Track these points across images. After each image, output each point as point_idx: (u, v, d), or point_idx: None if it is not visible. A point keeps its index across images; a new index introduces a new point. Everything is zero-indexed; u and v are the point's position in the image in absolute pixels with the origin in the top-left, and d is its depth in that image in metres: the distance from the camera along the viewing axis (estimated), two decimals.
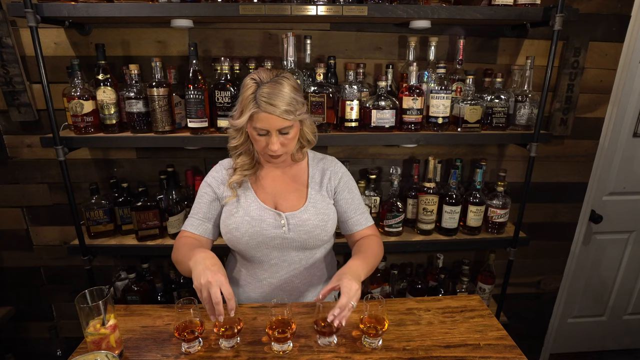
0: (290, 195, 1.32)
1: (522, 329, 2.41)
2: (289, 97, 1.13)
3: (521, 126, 1.75)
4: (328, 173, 1.36)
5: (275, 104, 1.11)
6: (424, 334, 1.17)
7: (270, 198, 1.31)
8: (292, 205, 1.30)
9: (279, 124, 1.14)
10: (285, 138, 1.18)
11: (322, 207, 1.31)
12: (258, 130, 1.16)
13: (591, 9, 1.81)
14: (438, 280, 1.98)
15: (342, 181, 1.37)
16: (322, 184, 1.35)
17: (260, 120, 1.13)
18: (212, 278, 1.02)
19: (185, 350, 1.09)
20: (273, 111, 1.11)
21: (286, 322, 1.09)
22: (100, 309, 1.02)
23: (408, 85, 1.64)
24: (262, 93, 1.11)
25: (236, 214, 1.28)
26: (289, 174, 1.35)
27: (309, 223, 1.27)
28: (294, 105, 1.14)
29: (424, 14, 1.52)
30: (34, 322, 2.22)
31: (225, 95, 1.56)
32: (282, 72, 1.18)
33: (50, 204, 1.98)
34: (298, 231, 1.27)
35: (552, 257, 2.29)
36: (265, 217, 1.27)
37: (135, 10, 1.46)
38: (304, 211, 1.29)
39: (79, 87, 1.58)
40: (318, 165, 1.37)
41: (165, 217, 1.77)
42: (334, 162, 1.40)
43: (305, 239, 1.28)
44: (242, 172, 1.29)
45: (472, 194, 1.83)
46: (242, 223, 1.27)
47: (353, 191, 1.39)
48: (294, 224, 1.27)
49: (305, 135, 1.27)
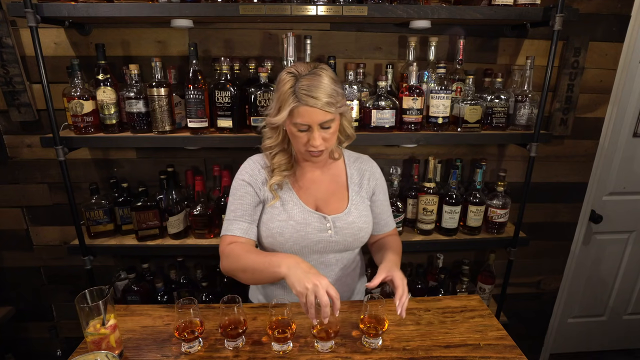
0: (331, 196, 1.29)
1: (522, 329, 2.41)
2: (329, 88, 1.08)
3: (521, 126, 1.75)
4: (367, 174, 1.34)
5: (316, 96, 1.06)
6: (424, 334, 1.17)
7: (311, 200, 1.27)
8: (334, 208, 1.28)
9: (321, 117, 1.09)
10: (327, 132, 1.13)
11: (363, 208, 1.31)
12: (299, 126, 1.11)
13: (591, 9, 1.81)
14: (438, 280, 1.98)
15: (379, 183, 1.37)
16: (362, 185, 1.33)
17: (301, 115, 1.08)
18: (318, 281, 1.00)
19: (186, 351, 1.09)
20: (314, 104, 1.06)
21: (286, 322, 1.09)
22: (100, 309, 1.02)
23: (408, 85, 1.64)
24: (302, 86, 1.06)
25: (279, 217, 1.23)
26: (327, 173, 1.31)
27: (355, 226, 1.27)
28: (335, 97, 1.09)
29: (424, 14, 1.52)
30: (34, 322, 2.22)
31: (225, 95, 1.55)
32: (320, 64, 1.14)
33: (50, 204, 1.98)
34: (344, 234, 1.26)
35: (552, 257, 2.29)
36: (311, 221, 1.24)
37: (135, 10, 1.46)
38: (349, 213, 1.27)
39: (79, 87, 1.58)
40: (355, 164, 1.36)
41: (165, 217, 1.77)
42: (370, 161, 1.39)
43: (351, 241, 1.28)
44: (281, 172, 1.23)
45: (472, 194, 1.83)
46: (287, 227, 1.22)
47: (386, 193, 1.41)
48: (340, 226, 1.25)
49: (345, 130, 1.23)
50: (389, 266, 1.19)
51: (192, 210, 1.77)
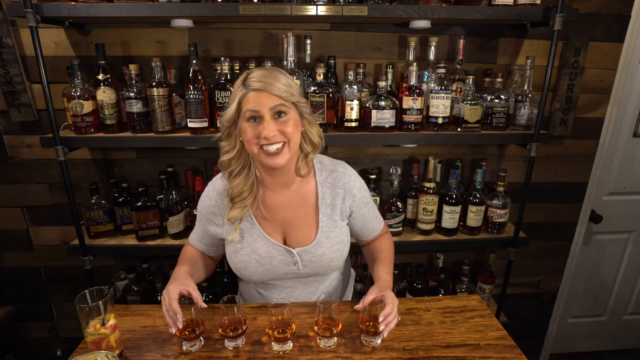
0: (299, 222, 1.19)
1: (522, 329, 2.41)
2: (282, 79, 1.04)
3: (521, 126, 1.75)
4: (341, 192, 1.20)
5: (265, 81, 1.01)
6: (424, 334, 1.17)
7: (277, 229, 1.19)
8: (303, 237, 1.19)
9: (271, 101, 1.01)
10: (282, 123, 1.03)
11: (335, 235, 1.21)
12: (249, 115, 1.02)
13: (591, 9, 1.81)
14: (438, 280, 1.98)
15: (357, 198, 1.23)
16: (335, 206, 1.20)
17: (249, 101, 1.01)
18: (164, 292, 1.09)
19: (187, 349, 1.09)
20: (263, 87, 1.00)
21: (286, 322, 1.09)
22: (100, 309, 1.02)
23: (408, 85, 1.64)
24: (252, 76, 1.03)
25: (241, 251, 1.19)
26: (296, 194, 1.19)
27: (325, 257, 1.20)
28: (288, 87, 1.04)
29: (424, 14, 1.52)
30: (34, 322, 2.22)
31: (225, 95, 1.55)
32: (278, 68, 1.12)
33: (50, 204, 1.98)
34: (313, 267, 1.21)
35: (552, 257, 2.29)
36: (275, 255, 1.18)
37: (135, 10, 1.46)
38: (318, 245, 1.18)
39: (79, 87, 1.58)
40: (327, 181, 1.21)
41: (165, 217, 1.77)
42: (345, 175, 1.23)
43: (322, 272, 1.24)
44: (241, 202, 1.14)
45: (472, 194, 1.83)
46: (250, 262, 1.18)
47: (369, 202, 1.28)
48: (307, 260, 1.19)
49: (309, 136, 1.13)
50: (380, 286, 1.16)
51: (192, 210, 1.77)
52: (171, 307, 1.04)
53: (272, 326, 1.08)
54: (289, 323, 1.09)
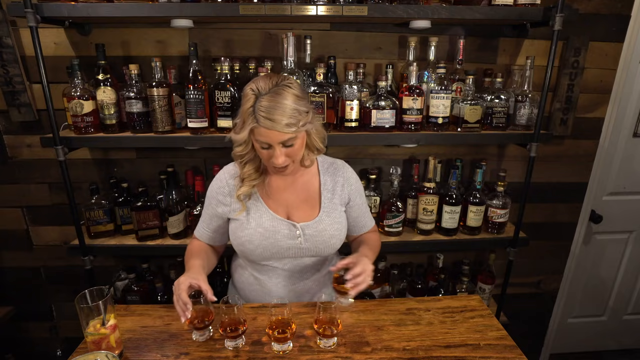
0: (302, 204, 1.29)
1: (522, 329, 2.41)
2: (290, 109, 1.06)
3: (521, 126, 1.75)
4: (340, 180, 1.33)
5: (274, 118, 1.04)
6: (424, 334, 1.17)
7: (282, 208, 1.28)
8: (305, 215, 1.28)
9: (280, 137, 1.08)
10: (290, 150, 1.13)
11: (335, 215, 1.30)
12: (261, 144, 1.12)
13: (591, 9, 1.81)
14: (438, 280, 1.98)
15: (355, 188, 1.36)
16: (335, 191, 1.32)
17: (261, 135, 1.08)
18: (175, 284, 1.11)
19: (196, 339, 1.14)
20: (272, 127, 1.05)
21: (286, 322, 1.09)
22: (100, 309, 1.02)
23: (408, 85, 1.64)
24: (261, 107, 1.05)
25: (248, 226, 1.25)
26: (299, 181, 1.31)
27: (326, 233, 1.27)
28: (296, 117, 1.07)
29: (424, 14, 1.52)
30: (34, 322, 2.22)
31: (225, 95, 1.55)
32: (284, 79, 1.10)
33: (50, 204, 1.98)
34: (314, 241, 1.27)
35: (552, 257, 2.29)
36: (280, 229, 1.25)
37: (135, 10, 1.46)
38: (319, 221, 1.27)
39: (79, 87, 1.58)
40: (328, 170, 1.34)
41: (165, 217, 1.77)
42: (345, 167, 1.37)
43: (322, 248, 1.28)
44: (250, 182, 1.24)
45: (472, 194, 1.83)
46: (255, 235, 1.24)
47: (363, 195, 1.40)
48: (309, 234, 1.26)
49: (313, 144, 1.21)
50: (357, 255, 1.22)
51: (192, 210, 1.77)
52: (180, 297, 1.08)
53: (272, 326, 1.08)
54: (289, 323, 1.09)
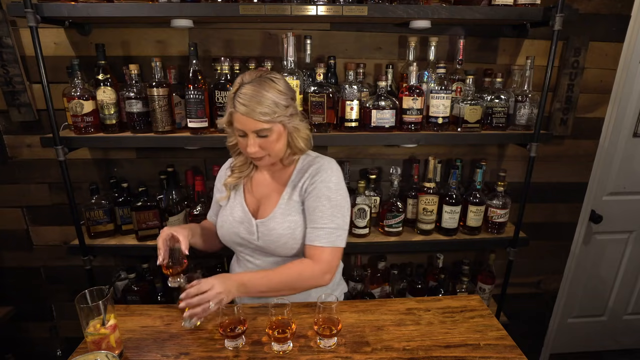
0: (268, 199, 1.31)
1: (522, 329, 2.41)
2: (268, 99, 1.10)
3: (521, 126, 1.75)
4: (307, 175, 1.24)
5: (249, 105, 1.10)
6: (424, 334, 1.17)
7: (254, 202, 1.33)
8: (265, 211, 1.29)
9: (255, 125, 1.12)
10: (265, 141, 1.15)
11: (289, 213, 1.23)
12: (237, 131, 1.17)
13: (591, 9, 1.81)
14: (438, 280, 1.98)
15: (314, 185, 1.21)
16: (297, 186, 1.25)
17: (237, 121, 1.14)
18: None
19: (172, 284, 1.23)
20: (247, 113, 1.10)
21: (286, 322, 1.09)
22: (100, 309, 1.02)
23: (408, 85, 1.64)
24: (240, 94, 1.11)
25: (225, 212, 1.35)
26: (275, 177, 1.33)
27: (274, 232, 1.23)
28: (272, 108, 1.11)
29: (424, 14, 1.52)
30: (34, 322, 2.22)
31: (225, 95, 1.55)
32: (270, 74, 1.15)
33: (50, 204, 1.98)
34: (265, 240, 1.26)
35: (552, 257, 2.29)
36: (244, 221, 1.30)
37: (135, 10, 1.46)
38: (271, 219, 1.25)
39: (79, 87, 1.58)
40: (304, 167, 1.27)
41: (165, 217, 1.77)
42: (322, 164, 1.25)
43: (273, 248, 1.25)
44: (239, 173, 1.33)
45: (472, 194, 1.83)
46: (226, 222, 1.32)
47: (321, 200, 1.21)
48: (262, 232, 1.26)
49: (295, 143, 1.21)
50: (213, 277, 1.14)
51: (192, 210, 1.77)
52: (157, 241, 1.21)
53: (272, 326, 1.08)
54: (289, 323, 1.09)
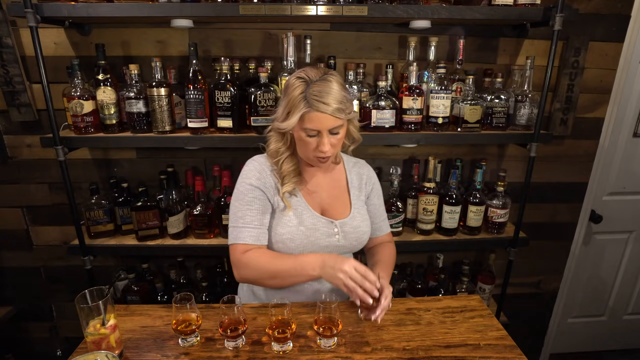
0: (334, 201, 1.32)
1: (522, 329, 2.41)
2: (339, 95, 1.10)
3: (521, 126, 1.75)
4: (364, 178, 1.38)
5: (327, 102, 1.08)
6: (424, 334, 1.17)
7: (317, 204, 1.30)
8: (339, 212, 1.31)
9: (331, 123, 1.11)
10: (335, 138, 1.15)
11: (364, 212, 1.35)
12: (308, 132, 1.12)
13: (591, 9, 1.81)
14: (438, 280, 1.98)
15: (375, 187, 1.41)
16: (361, 188, 1.37)
17: (312, 120, 1.10)
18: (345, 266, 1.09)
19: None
20: (325, 110, 1.08)
21: (286, 322, 1.09)
22: (100, 309, 1.02)
23: (408, 85, 1.64)
24: (313, 92, 1.08)
25: (289, 223, 1.23)
26: (329, 177, 1.34)
27: (359, 230, 1.30)
28: (345, 104, 1.12)
29: (424, 14, 1.52)
30: (34, 322, 2.22)
31: (225, 95, 1.55)
32: (329, 70, 1.15)
33: (50, 204, 1.98)
34: (349, 238, 1.29)
35: (552, 257, 2.29)
36: (319, 226, 1.26)
37: (135, 10, 1.46)
38: (353, 218, 1.31)
39: (79, 87, 1.58)
40: (354, 168, 1.39)
41: (165, 217, 1.77)
42: (367, 166, 1.43)
43: (355, 244, 1.31)
44: (291, 179, 1.23)
45: (472, 194, 1.83)
46: (297, 234, 1.24)
47: (381, 197, 1.43)
48: (346, 231, 1.28)
49: (351, 134, 1.25)
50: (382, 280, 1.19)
51: (192, 210, 1.77)
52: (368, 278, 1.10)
53: (272, 326, 1.08)
54: (289, 323, 1.09)
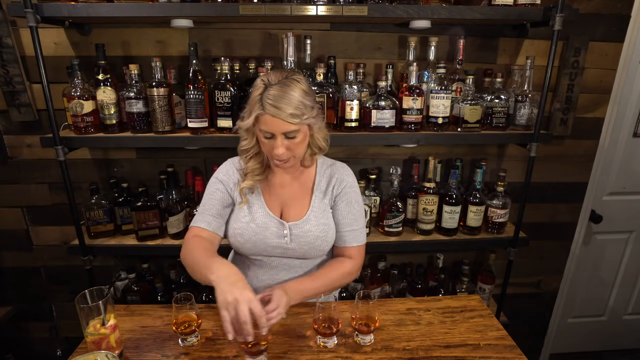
0: (295, 202, 1.29)
1: (522, 329, 2.41)
2: (296, 100, 1.10)
3: (521, 126, 1.75)
4: (333, 180, 1.31)
5: (279, 106, 1.08)
6: (424, 334, 1.17)
7: (277, 205, 1.29)
8: (295, 214, 1.28)
9: (284, 127, 1.10)
10: (292, 142, 1.14)
11: (323, 216, 1.28)
12: (264, 133, 1.13)
13: (591, 9, 1.81)
14: (438, 280, 1.98)
15: (344, 191, 1.30)
16: (327, 191, 1.31)
17: (265, 123, 1.11)
18: (240, 296, 0.96)
19: None
20: (277, 114, 1.08)
21: None
22: (100, 309, 1.02)
23: (408, 85, 1.64)
24: (269, 95, 1.09)
25: (243, 219, 1.27)
26: (297, 179, 1.32)
27: (311, 234, 1.26)
28: (301, 109, 1.10)
29: (424, 14, 1.52)
30: (34, 322, 2.22)
31: (225, 95, 1.55)
32: (294, 74, 1.15)
33: (50, 204, 1.98)
34: (299, 242, 1.26)
35: (552, 257, 2.29)
36: (270, 226, 1.26)
37: (135, 10, 1.46)
38: (306, 221, 1.26)
39: (79, 87, 1.58)
40: (326, 171, 1.33)
41: (165, 217, 1.77)
42: (344, 169, 1.34)
43: (306, 249, 1.27)
44: (254, 177, 1.26)
45: (472, 194, 1.83)
46: (247, 230, 1.26)
47: (352, 204, 1.31)
48: (295, 234, 1.26)
49: (315, 142, 1.23)
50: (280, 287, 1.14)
51: (192, 210, 1.77)
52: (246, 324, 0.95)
53: None
54: None
